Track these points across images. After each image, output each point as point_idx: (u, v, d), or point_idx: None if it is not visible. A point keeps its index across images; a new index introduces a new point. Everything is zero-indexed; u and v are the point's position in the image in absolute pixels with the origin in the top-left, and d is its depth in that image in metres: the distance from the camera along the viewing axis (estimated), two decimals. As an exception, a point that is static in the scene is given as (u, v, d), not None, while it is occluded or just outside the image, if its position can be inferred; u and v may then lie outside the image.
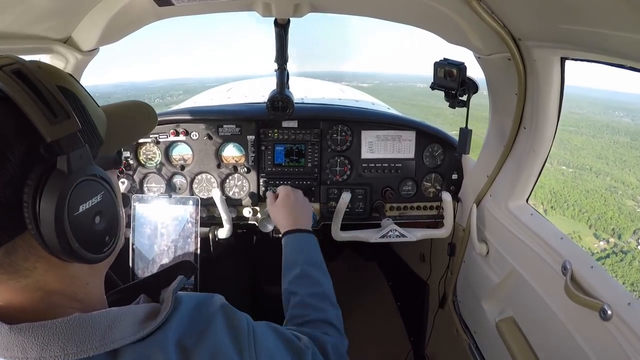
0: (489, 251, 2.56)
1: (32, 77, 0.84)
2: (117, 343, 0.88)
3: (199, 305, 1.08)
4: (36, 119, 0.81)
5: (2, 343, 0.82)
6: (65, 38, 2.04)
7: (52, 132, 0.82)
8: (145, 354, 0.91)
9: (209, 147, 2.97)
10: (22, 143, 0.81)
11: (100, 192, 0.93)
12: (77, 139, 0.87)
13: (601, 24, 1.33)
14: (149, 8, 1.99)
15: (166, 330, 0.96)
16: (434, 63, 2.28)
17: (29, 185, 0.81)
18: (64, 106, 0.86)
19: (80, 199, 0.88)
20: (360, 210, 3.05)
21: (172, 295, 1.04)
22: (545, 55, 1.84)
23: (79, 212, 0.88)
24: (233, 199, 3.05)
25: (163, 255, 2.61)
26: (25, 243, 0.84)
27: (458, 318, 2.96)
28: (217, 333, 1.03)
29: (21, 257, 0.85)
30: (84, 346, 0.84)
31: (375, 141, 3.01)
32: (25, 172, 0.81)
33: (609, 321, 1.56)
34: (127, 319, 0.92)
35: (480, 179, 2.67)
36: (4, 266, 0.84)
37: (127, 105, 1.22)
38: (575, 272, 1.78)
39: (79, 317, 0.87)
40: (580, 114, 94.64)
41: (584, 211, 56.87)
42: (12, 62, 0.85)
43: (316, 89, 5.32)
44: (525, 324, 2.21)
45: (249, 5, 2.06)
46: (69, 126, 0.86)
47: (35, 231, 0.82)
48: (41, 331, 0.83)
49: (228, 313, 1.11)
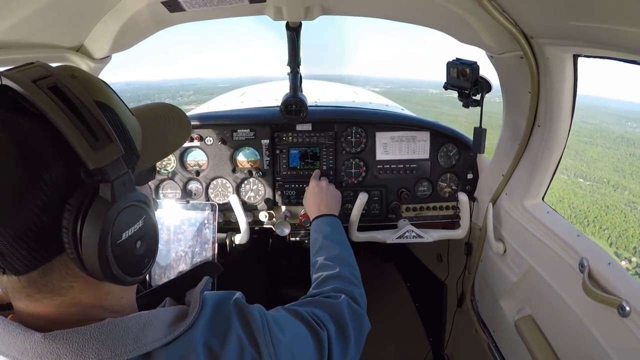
0: (506, 250, 2.55)
1: (69, 93, 0.81)
2: (150, 346, 0.89)
3: (218, 304, 1.09)
4: (77, 143, 0.78)
5: (36, 352, 0.81)
6: (78, 46, 2.06)
7: (95, 159, 0.80)
8: (177, 355, 0.92)
9: (223, 152, 2.98)
10: (59, 164, 0.80)
11: (142, 217, 0.92)
12: (120, 165, 0.86)
13: (613, 20, 1.33)
14: (161, 14, 2.01)
15: (194, 331, 0.97)
16: (447, 63, 2.29)
17: (68, 211, 0.80)
18: (106, 128, 0.84)
19: (124, 226, 0.87)
20: (376, 212, 3.06)
21: (200, 296, 1.04)
22: (558, 53, 1.84)
23: (122, 240, 0.87)
24: (249, 203, 3.06)
25: (180, 261, 2.62)
26: (62, 264, 0.84)
27: (476, 317, 2.95)
28: (238, 335, 1.04)
29: (58, 277, 0.85)
30: (117, 350, 0.85)
31: (389, 142, 3.02)
32: (64, 196, 0.80)
33: (627, 317, 1.56)
34: (157, 322, 0.93)
35: (495, 178, 2.67)
36: (39, 286, 0.84)
37: (159, 111, 1.19)
38: (593, 269, 1.77)
39: (112, 322, 0.87)
40: (594, 124, 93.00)
41: (605, 228, 55.18)
42: (46, 73, 0.82)
43: (329, 91, 5.32)
44: (543, 322, 2.20)
45: (260, 9, 2.08)
46: (112, 152, 0.83)
47: (74, 255, 0.82)
48: (75, 338, 0.83)
49: (242, 311, 1.11)
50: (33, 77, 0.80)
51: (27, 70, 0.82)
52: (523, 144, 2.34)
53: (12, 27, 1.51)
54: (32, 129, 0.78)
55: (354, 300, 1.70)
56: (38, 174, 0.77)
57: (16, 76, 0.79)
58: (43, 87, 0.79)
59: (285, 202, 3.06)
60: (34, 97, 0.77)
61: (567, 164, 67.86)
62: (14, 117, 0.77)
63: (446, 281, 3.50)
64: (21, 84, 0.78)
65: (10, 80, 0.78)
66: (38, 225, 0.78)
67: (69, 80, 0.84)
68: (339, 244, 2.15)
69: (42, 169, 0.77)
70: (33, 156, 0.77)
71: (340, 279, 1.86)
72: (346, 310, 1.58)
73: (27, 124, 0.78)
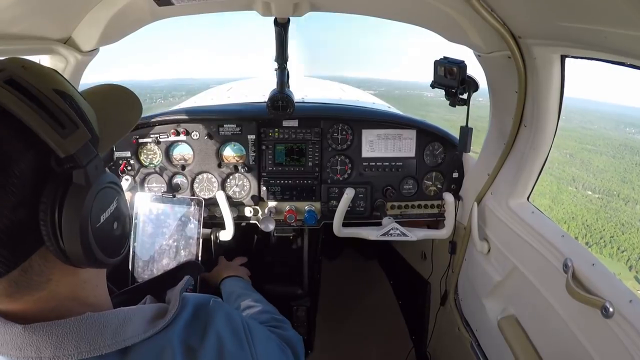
0: (490, 249, 2.56)
1: (27, 85, 0.80)
2: (128, 341, 0.89)
3: (199, 306, 1.09)
4: (45, 134, 0.78)
5: (16, 343, 0.81)
6: (65, 38, 2.04)
7: (65, 147, 0.80)
8: (154, 350, 0.92)
9: (209, 147, 2.97)
10: (27, 158, 0.78)
11: (115, 198, 0.94)
12: (89, 150, 0.86)
13: (601, 22, 1.33)
14: (149, 8, 1.98)
15: (173, 329, 0.97)
16: (434, 61, 2.29)
17: (44, 203, 0.79)
18: (70, 116, 0.84)
19: (101, 209, 0.88)
20: (361, 209, 3.06)
21: (180, 294, 1.04)
22: (546, 53, 1.84)
23: (101, 223, 0.88)
24: (234, 198, 3.05)
25: (163, 254, 2.60)
26: (40, 258, 0.83)
27: (459, 316, 2.97)
28: (218, 330, 1.04)
29: (37, 272, 0.84)
30: (96, 344, 0.85)
31: (375, 140, 3.01)
32: (36, 189, 0.79)
33: (610, 319, 1.56)
34: (137, 317, 0.93)
35: (481, 177, 2.67)
36: (19, 284, 0.82)
37: (106, 92, 1.19)
38: (577, 269, 1.78)
39: (91, 316, 0.87)
40: (593, 130, 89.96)
41: (623, 249, 52.17)
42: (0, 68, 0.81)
43: (317, 88, 5.33)
44: (526, 322, 2.21)
45: (249, 4, 2.06)
46: (80, 137, 0.84)
47: (54, 247, 0.81)
48: (55, 330, 0.83)
49: (224, 312, 1.11)
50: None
51: None
52: (509, 143, 2.34)
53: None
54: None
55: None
56: (8, 171, 0.75)
57: None
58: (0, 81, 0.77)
59: (271, 197, 3.05)
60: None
61: (574, 174, 65.85)
62: None
63: (430, 279, 3.51)
64: None
65: None
66: (14, 223, 0.76)
67: (23, 71, 0.83)
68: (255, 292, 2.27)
69: (11, 165, 0.76)
70: (1, 153, 0.75)
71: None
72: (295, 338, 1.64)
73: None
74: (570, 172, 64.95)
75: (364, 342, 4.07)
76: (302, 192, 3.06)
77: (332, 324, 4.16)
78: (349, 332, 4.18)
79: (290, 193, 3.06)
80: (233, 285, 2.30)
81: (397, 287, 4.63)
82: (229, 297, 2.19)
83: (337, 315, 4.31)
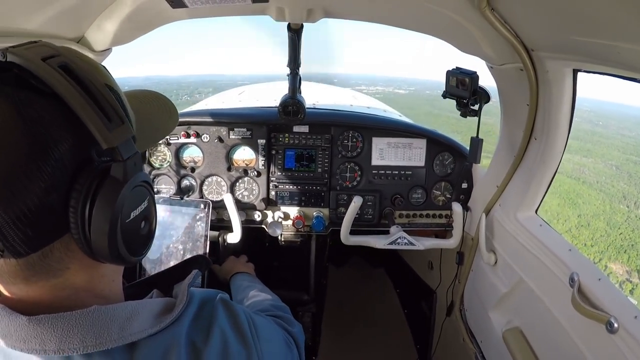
0: (497, 261, 2.55)
1: (81, 75, 0.81)
2: (135, 336, 0.88)
3: (204, 300, 1.08)
4: (92, 123, 0.79)
5: (20, 335, 0.80)
6: (78, 38, 2.05)
7: (110, 139, 0.81)
8: (160, 347, 0.91)
9: (219, 150, 2.99)
10: (67, 144, 0.79)
11: (146, 197, 0.94)
12: (131, 146, 0.87)
13: (614, 37, 1.33)
14: (163, 10, 2.00)
15: (179, 325, 0.96)
16: (447, 72, 2.29)
17: (77, 190, 0.80)
18: (117, 110, 0.85)
19: (132, 206, 0.89)
20: (369, 217, 3.06)
21: (187, 289, 1.04)
22: (558, 67, 1.84)
23: (130, 219, 0.88)
24: (242, 202, 3.06)
25: (171, 256, 2.62)
26: (62, 246, 0.83)
27: (465, 327, 2.95)
28: (222, 327, 1.04)
29: (56, 259, 0.84)
30: (102, 338, 0.84)
31: (386, 148, 3.02)
32: (71, 176, 0.80)
33: (615, 334, 1.55)
34: (144, 312, 0.92)
35: (490, 189, 2.67)
36: (36, 268, 0.82)
37: (146, 97, 1.19)
38: (583, 284, 1.77)
39: (98, 309, 0.86)
40: (632, 137, 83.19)
41: None
42: (54, 52, 0.82)
43: (328, 94, 5.34)
44: (531, 335, 2.20)
45: (263, 9, 2.08)
46: (125, 132, 0.85)
47: (80, 236, 0.82)
48: (60, 322, 0.82)
49: (229, 309, 1.11)
50: (42, 55, 0.80)
51: (33, 49, 0.82)
52: (519, 156, 2.34)
53: (13, 16, 1.50)
54: (42, 107, 0.78)
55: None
56: (46, 152, 0.76)
57: (24, 54, 0.78)
58: (54, 65, 0.79)
59: (279, 202, 3.07)
60: (45, 76, 0.77)
61: (624, 190, 57.36)
62: (23, 95, 0.77)
63: (436, 289, 3.50)
64: (31, 62, 0.77)
65: (19, 58, 0.77)
66: (44, 205, 0.77)
67: (77, 60, 0.84)
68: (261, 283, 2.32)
69: (51, 148, 0.77)
70: (42, 135, 0.76)
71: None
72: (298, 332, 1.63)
73: (37, 102, 0.78)
74: (620, 187, 59.35)
75: (368, 349, 4.06)
76: (311, 198, 3.07)
77: (337, 331, 4.15)
78: (354, 339, 4.17)
79: (298, 198, 3.07)
80: (242, 280, 2.32)
81: (403, 296, 4.61)
82: (237, 291, 2.22)
83: (342, 322, 4.30)
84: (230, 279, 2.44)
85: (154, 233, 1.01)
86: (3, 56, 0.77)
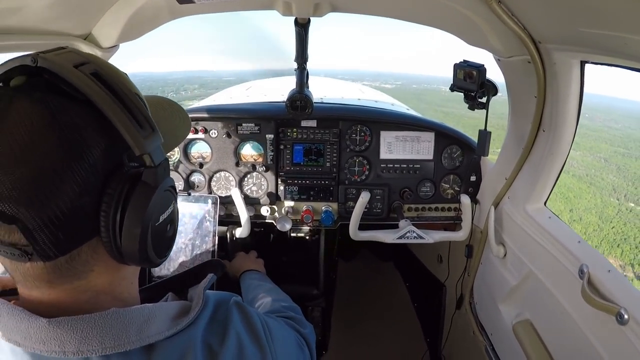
0: (506, 253, 2.55)
1: (112, 83, 0.84)
2: (152, 338, 0.89)
3: (219, 303, 1.10)
4: (126, 130, 0.82)
5: (40, 337, 0.81)
6: (86, 34, 2.06)
7: (143, 146, 0.83)
8: (177, 349, 0.93)
9: (227, 145, 3.00)
10: (100, 149, 0.82)
11: (172, 201, 0.97)
12: (161, 152, 0.89)
13: (622, 28, 1.33)
14: (170, 5, 2.01)
15: (195, 328, 0.98)
16: (454, 65, 2.29)
17: (109, 195, 0.82)
18: (148, 118, 0.88)
19: (161, 210, 0.91)
20: (378, 211, 3.06)
21: (203, 293, 1.05)
22: (565, 59, 1.83)
23: (159, 223, 0.91)
24: (251, 197, 3.08)
25: (180, 253, 2.62)
26: (89, 249, 0.86)
27: (474, 320, 2.96)
28: (237, 330, 1.05)
29: (82, 262, 0.86)
30: (121, 340, 0.85)
31: (394, 142, 3.02)
32: (103, 181, 0.82)
33: (625, 325, 1.55)
34: (161, 314, 0.94)
35: (498, 181, 2.67)
36: (62, 271, 0.84)
37: (160, 104, 1.21)
38: (592, 275, 1.77)
39: (116, 312, 0.87)
40: (619, 129, 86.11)
41: None
42: (84, 60, 0.84)
43: (335, 88, 5.33)
44: (541, 327, 2.20)
45: (270, 3, 2.08)
46: (156, 139, 0.88)
47: (109, 239, 0.84)
48: (80, 325, 0.83)
49: (243, 312, 1.12)
50: (74, 62, 0.82)
51: (63, 55, 0.83)
52: (527, 148, 2.33)
53: (20, 12, 1.51)
54: (77, 113, 0.80)
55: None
56: (81, 157, 0.78)
57: (56, 60, 0.80)
58: (86, 73, 0.81)
59: (288, 197, 3.07)
60: (79, 83, 0.79)
61: (613, 183, 60.17)
62: (56, 101, 0.79)
63: (445, 282, 3.50)
64: (64, 68, 0.79)
65: (52, 64, 0.79)
66: (77, 208, 0.79)
67: (107, 68, 0.87)
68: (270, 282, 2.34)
69: (84, 153, 0.79)
70: (77, 140, 0.78)
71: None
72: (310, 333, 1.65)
73: (71, 108, 0.80)
74: (609, 180, 61.05)
75: (378, 343, 4.07)
76: (320, 193, 3.07)
77: (347, 325, 4.17)
78: (364, 333, 4.18)
79: (307, 193, 3.07)
80: (252, 279, 2.33)
81: (412, 290, 4.62)
82: (247, 290, 2.22)
83: (352, 316, 4.32)
84: (240, 277, 2.45)
85: (175, 235, 1.03)
86: (34, 61, 0.79)
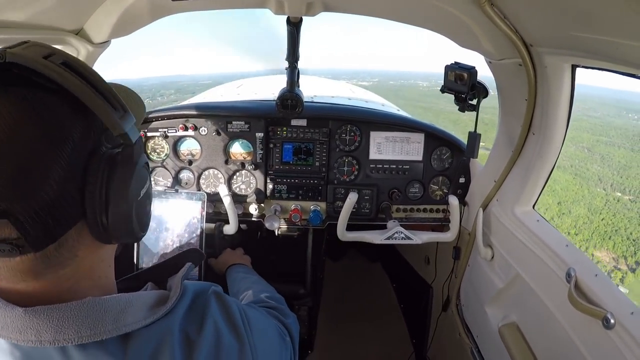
0: (494, 256, 2.56)
1: (82, 70, 0.85)
2: (129, 327, 0.89)
3: (198, 293, 1.10)
4: (103, 113, 0.84)
5: (16, 326, 0.82)
6: (77, 29, 2.04)
7: (120, 126, 0.86)
8: (154, 338, 0.93)
9: (217, 143, 2.98)
10: (79, 134, 0.83)
11: (148, 177, 1.00)
12: (136, 131, 0.92)
13: (613, 33, 1.33)
14: (162, 2, 2.00)
15: (173, 317, 0.98)
16: (445, 66, 2.29)
17: (92, 175, 0.84)
18: (120, 101, 0.90)
19: (141, 185, 0.95)
20: (366, 211, 3.06)
21: (181, 282, 1.05)
22: (557, 62, 1.84)
23: (140, 197, 0.95)
24: (239, 195, 3.06)
25: (168, 249, 2.60)
26: (75, 233, 0.86)
27: (461, 322, 2.96)
28: (215, 319, 1.05)
29: (69, 247, 0.86)
30: (97, 329, 0.85)
31: (383, 142, 3.02)
32: (86, 164, 0.84)
33: (611, 330, 1.56)
34: (138, 304, 0.94)
35: (487, 184, 2.67)
36: (50, 259, 0.84)
37: (119, 91, 1.22)
38: (580, 279, 1.78)
39: (93, 301, 0.87)
40: (597, 117, 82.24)
41: None
42: (51, 51, 0.85)
43: (326, 88, 5.33)
44: (527, 330, 2.21)
45: (262, 2, 2.07)
46: (130, 119, 0.91)
47: (97, 219, 0.86)
48: (56, 314, 0.83)
49: (221, 301, 1.12)
50: (42, 54, 0.82)
51: (31, 48, 0.84)
52: (517, 151, 2.34)
53: (11, 6, 1.49)
54: (53, 102, 0.81)
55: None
56: (62, 144, 0.80)
57: (25, 53, 0.81)
58: (57, 63, 0.82)
59: (276, 196, 3.06)
60: (52, 73, 0.80)
61: (599, 173, 59.16)
62: (32, 92, 0.80)
63: (432, 284, 3.50)
64: (35, 61, 0.80)
65: (21, 58, 0.79)
66: (62, 194, 0.80)
67: (73, 58, 0.88)
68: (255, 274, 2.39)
69: (66, 139, 0.81)
70: (56, 128, 0.80)
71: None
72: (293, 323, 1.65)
73: (46, 98, 0.81)
74: (594, 170, 60.40)
75: (364, 344, 4.07)
76: (308, 192, 3.06)
77: (333, 325, 4.17)
78: (350, 333, 4.18)
79: (296, 192, 3.06)
80: (237, 272, 2.36)
81: (399, 291, 4.63)
82: (232, 283, 2.26)
83: (338, 316, 4.32)
84: (226, 271, 2.46)
85: (151, 207, 1.07)
86: (1, 57, 0.79)
